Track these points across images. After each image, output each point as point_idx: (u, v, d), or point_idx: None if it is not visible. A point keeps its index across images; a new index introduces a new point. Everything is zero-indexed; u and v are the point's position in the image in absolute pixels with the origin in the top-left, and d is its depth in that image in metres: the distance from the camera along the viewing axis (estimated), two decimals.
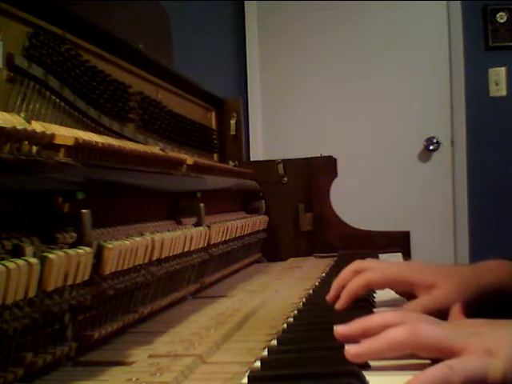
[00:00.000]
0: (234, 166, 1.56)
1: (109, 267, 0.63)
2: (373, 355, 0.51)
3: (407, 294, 0.75)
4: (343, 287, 0.75)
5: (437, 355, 0.48)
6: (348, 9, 3.02)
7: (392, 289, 0.77)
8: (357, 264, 0.78)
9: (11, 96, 0.69)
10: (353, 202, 2.60)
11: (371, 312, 0.72)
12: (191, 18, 3.02)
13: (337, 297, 0.76)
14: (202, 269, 1.02)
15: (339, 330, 0.55)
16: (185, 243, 0.87)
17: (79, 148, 0.69)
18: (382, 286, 0.76)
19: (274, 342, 0.62)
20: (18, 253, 0.51)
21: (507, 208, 2.89)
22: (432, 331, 0.49)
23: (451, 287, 0.68)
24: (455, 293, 0.67)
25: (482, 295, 0.68)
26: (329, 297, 0.77)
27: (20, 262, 0.47)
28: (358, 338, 0.52)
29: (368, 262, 0.78)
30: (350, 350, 0.50)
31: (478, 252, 2.90)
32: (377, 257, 1.37)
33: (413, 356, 0.50)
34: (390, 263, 0.80)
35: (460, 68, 2.95)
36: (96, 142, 0.73)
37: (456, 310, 0.64)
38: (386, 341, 0.50)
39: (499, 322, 0.54)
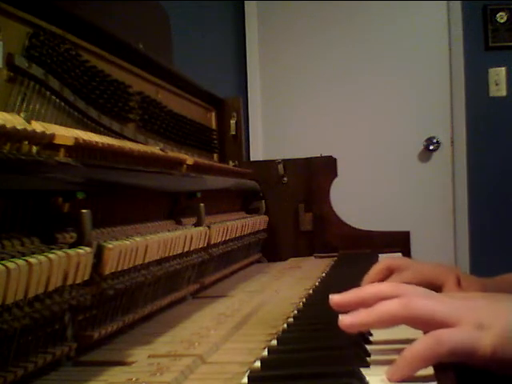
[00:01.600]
0: (234, 166, 1.56)
1: (109, 267, 0.63)
2: (366, 326, 0.52)
3: None
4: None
5: (430, 328, 0.49)
6: (348, 9, 3.02)
7: None
8: (386, 262, 0.78)
9: (11, 96, 0.69)
10: (353, 202, 2.60)
11: None
12: (191, 17, 3.02)
13: None
14: (201, 269, 1.02)
15: (335, 298, 0.56)
16: (185, 243, 0.87)
17: (79, 148, 0.69)
18: None
19: (274, 342, 0.62)
20: (18, 253, 0.51)
21: (507, 208, 2.89)
22: (425, 305, 0.49)
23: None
24: None
25: None
26: None
27: (20, 261, 0.47)
28: (353, 308, 0.53)
29: (398, 261, 0.79)
30: (344, 319, 0.51)
31: (478, 252, 2.91)
32: (377, 257, 1.37)
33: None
34: (417, 264, 0.78)
35: (460, 68, 2.95)
36: (96, 141, 0.73)
37: (452, 282, 0.64)
38: (379, 313, 0.50)
39: (494, 297, 0.54)
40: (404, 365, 0.45)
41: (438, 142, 2.96)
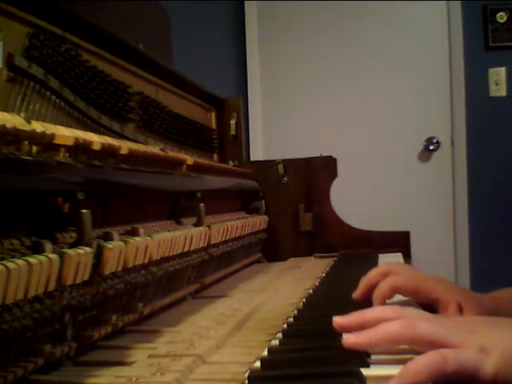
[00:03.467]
0: (234, 166, 1.56)
1: (109, 267, 0.63)
2: (369, 346, 0.52)
3: (427, 306, 0.75)
4: (370, 286, 0.76)
5: (431, 350, 0.49)
6: (348, 9, 3.02)
7: (414, 298, 0.76)
8: (386, 266, 0.78)
9: (11, 96, 0.69)
10: (353, 202, 2.59)
11: None
12: (191, 18, 3.02)
13: (362, 295, 0.77)
14: (201, 269, 1.02)
15: (338, 320, 0.57)
16: (185, 243, 0.87)
17: (79, 148, 0.69)
18: (408, 293, 0.75)
19: (274, 342, 0.62)
20: (18, 253, 0.51)
21: (507, 208, 2.89)
22: (428, 327, 0.50)
23: (474, 313, 0.68)
24: None
25: None
26: (355, 295, 0.78)
27: (20, 261, 0.47)
28: (356, 330, 0.54)
29: (398, 266, 0.79)
30: (348, 339, 0.52)
31: (477, 252, 2.90)
32: (377, 257, 1.37)
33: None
34: (418, 272, 0.78)
35: (460, 68, 2.95)
36: (96, 142, 0.73)
37: (453, 308, 0.64)
38: (382, 333, 0.51)
39: (495, 320, 0.55)
40: (407, 375, 0.45)
41: (438, 142, 2.95)
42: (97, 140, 0.74)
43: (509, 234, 2.86)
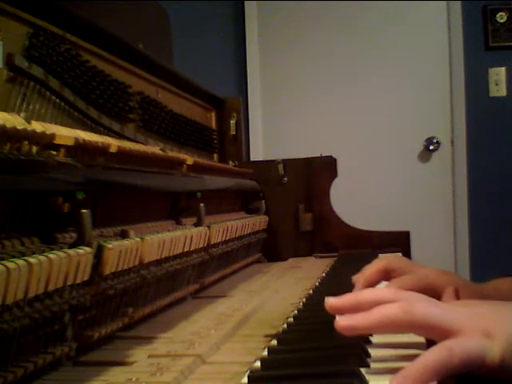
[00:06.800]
0: (234, 166, 1.56)
1: (109, 267, 0.63)
2: (363, 330, 0.49)
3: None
4: (368, 285, 0.73)
5: (431, 335, 0.47)
6: (348, 9, 3.02)
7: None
8: (384, 262, 0.74)
9: (11, 96, 0.69)
10: (353, 202, 2.59)
11: None
12: (191, 17, 3.02)
13: None
14: (201, 269, 1.02)
15: (331, 301, 0.53)
16: (185, 243, 0.87)
17: (79, 148, 0.69)
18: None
19: (274, 342, 0.62)
20: (18, 253, 0.51)
21: (507, 208, 2.89)
22: (427, 310, 0.47)
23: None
24: None
25: None
26: None
27: (20, 261, 0.47)
28: (349, 312, 0.51)
29: (397, 262, 0.74)
30: (341, 321, 0.49)
31: (477, 252, 2.90)
32: (377, 257, 1.37)
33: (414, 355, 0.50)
34: (420, 266, 0.74)
35: (460, 68, 2.95)
36: (96, 141, 0.73)
37: (449, 293, 0.63)
38: (378, 317, 0.48)
39: (495, 303, 0.53)
40: (414, 376, 0.42)
41: (437, 142, 2.95)
42: (97, 140, 0.74)
43: (509, 234, 2.85)
